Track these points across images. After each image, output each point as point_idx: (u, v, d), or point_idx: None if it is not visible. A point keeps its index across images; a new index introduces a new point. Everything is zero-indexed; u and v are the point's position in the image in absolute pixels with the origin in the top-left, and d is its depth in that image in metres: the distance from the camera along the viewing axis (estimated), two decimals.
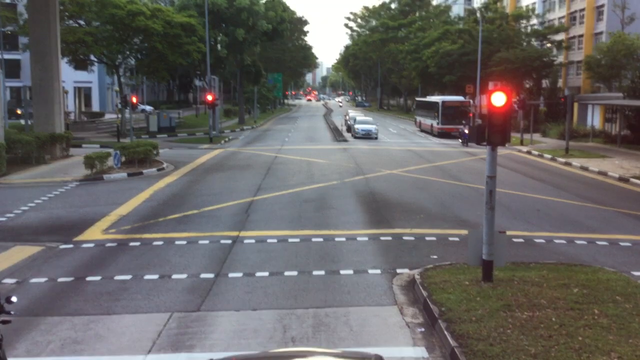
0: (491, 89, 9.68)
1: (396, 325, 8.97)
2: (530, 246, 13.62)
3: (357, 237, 14.19)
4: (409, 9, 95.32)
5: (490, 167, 9.98)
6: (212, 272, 11.51)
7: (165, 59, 45.12)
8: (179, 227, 15.37)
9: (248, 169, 26.78)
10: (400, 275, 11.23)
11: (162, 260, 12.42)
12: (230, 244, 13.66)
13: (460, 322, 8.35)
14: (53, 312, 9.55)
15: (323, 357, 4.86)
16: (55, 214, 17.04)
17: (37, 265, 12.16)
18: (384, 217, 16.61)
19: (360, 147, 38.12)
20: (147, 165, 26.06)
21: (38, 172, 24.56)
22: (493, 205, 10.03)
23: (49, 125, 29.16)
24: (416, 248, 13.34)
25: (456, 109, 46.78)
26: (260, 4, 58.19)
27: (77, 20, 43.42)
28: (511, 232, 14.48)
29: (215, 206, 18.09)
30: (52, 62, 29.30)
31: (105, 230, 15.16)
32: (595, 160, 30.86)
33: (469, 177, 24.53)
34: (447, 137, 45.28)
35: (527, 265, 11.27)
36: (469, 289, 9.62)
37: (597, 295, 9.37)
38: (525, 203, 18.93)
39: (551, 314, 8.58)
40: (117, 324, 9.05)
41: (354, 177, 23.97)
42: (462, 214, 17.11)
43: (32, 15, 29.61)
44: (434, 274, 10.68)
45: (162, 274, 11.41)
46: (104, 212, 17.21)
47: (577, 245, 13.78)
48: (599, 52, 50.02)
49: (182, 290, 10.49)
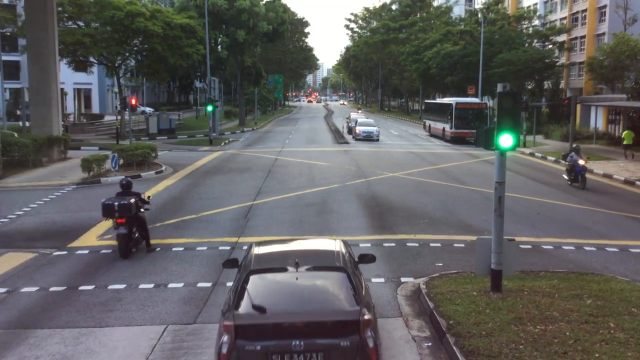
0: (500, 91, 9.27)
1: (402, 339, 8.55)
2: (538, 253, 13.20)
3: (360, 243, 13.77)
4: (410, 10, 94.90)
5: (499, 173, 9.56)
6: (210, 281, 11.10)
7: (165, 60, 44.77)
8: (177, 233, 14.98)
9: (248, 171, 26.38)
10: (405, 284, 10.82)
11: (158, 268, 12.02)
12: (229, 251, 13.25)
13: (469, 336, 7.93)
14: (43, 325, 9.15)
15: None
16: (50, 219, 16.64)
17: (29, 274, 11.76)
18: (387, 222, 16.20)
19: (362, 149, 37.72)
20: (146, 167, 25.68)
21: (35, 175, 24.16)
22: (502, 212, 9.62)
23: (46, 127, 28.77)
24: (420, 255, 12.93)
25: (470, 112, 43.97)
26: (260, 5, 57.83)
27: (76, 22, 43.05)
28: (518, 237, 14.03)
29: (214, 210, 17.69)
30: (49, 63, 28.92)
31: (101, 236, 14.76)
32: (600, 162, 30.44)
33: (473, 180, 24.12)
34: (460, 143, 42.09)
35: (537, 274, 10.86)
36: (478, 300, 9.21)
37: (612, 307, 8.96)
38: (531, 207, 18.52)
39: (565, 327, 8.17)
40: (109, 337, 8.64)
41: (356, 180, 23.57)
42: (467, 219, 16.70)
43: (29, 16, 29.21)
44: (440, 283, 10.27)
45: (157, 283, 11.01)
46: (99, 216, 16.65)
47: (587, 252, 13.36)
48: (602, 53, 49.55)
49: (178, 301, 10.08)
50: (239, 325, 6.19)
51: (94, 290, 10.69)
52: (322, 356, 6.11)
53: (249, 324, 6.25)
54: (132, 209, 12.56)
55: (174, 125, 49.33)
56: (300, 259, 6.89)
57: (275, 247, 8.34)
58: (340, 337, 6.13)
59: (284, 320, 6.26)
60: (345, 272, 6.76)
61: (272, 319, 6.28)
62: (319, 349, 6.10)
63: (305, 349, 6.07)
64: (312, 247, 8.23)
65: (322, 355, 6.11)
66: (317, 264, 6.95)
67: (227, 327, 6.21)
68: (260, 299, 6.45)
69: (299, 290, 6.58)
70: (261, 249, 7.65)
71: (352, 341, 6.11)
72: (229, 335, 6.16)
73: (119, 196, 12.89)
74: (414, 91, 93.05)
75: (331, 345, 6.11)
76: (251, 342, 6.12)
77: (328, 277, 6.76)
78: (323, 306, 6.42)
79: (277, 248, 8.24)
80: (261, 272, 6.83)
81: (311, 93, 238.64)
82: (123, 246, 12.60)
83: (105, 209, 12.54)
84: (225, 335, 6.19)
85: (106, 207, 12.54)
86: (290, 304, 6.47)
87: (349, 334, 6.14)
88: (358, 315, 6.21)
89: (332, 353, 6.10)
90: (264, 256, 7.40)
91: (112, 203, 12.52)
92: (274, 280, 6.79)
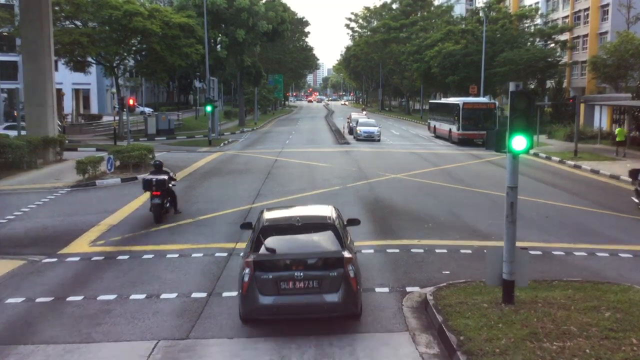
0: (513, 90, 8.70)
1: (409, 356, 7.98)
2: (549, 260, 12.63)
3: (362, 249, 13.21)
4: (411, 9, 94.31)
5: (512, 177, 8.98)
6: (205, 291, 10.54)
7: (164, 60, 44.20)
8: (172, 238, 14.41)
9: (247, 173, 25.83)
10: (411, 295, 10.25)
11: (151, 276, 11.45)
12: (226, 257, 12.70)
13: (482, 354, 7.36)
14: (27, 340, 8.59)
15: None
16: (41, 224, 16.08)
17: (15, 283, 11.20)
18: (390, 227, 15.63)
19: (363, 149, 37.16)
20: (142, 169, 25.09)
21: (29, 178, 23.60)
22: (514, 218, 9.05)
23: (41, 128, 28.20)
24: (426, 262, 12.36)
25: (479, 112, 41.73)
26: (260, 4, 57.25)
27: (73, 21, 42.48)
28: (527, 243, 13.53)
29: (211, 214, 17.14)
30: (44, 63, 28.35)
31: (93, 242, 14.20)
32: (606, 163, 29.87)
33: (478, 182, 23.56)
34: (469, 145, 40.28)
35: (550, 284, 10.29)
36: (489, 313, 8.64)
37: (633, 321, 8.38)
38: (539, 210, 17.93)
39: (584, 344, 7.60)
40: (96, 354, 8.09)
41: (357, 182, 23.01)
42: (473, 223, 16.14)
43: (23, 15, 28.66)
44: (448, 293, 9.70)
45: (149, 294, 10.44)
46: (93, 221, 16.25)
47: (600, 259, 12.78)
48: (605, 52, 48.95)
49: (171, 313, 9.52)
50: (256, 261, 8.50)
51: (82, 301, 10.13)
52: (317, 282, 8.44)
53: (264, 260, 8.55)
54: (166, 184, 15.85)
55: (173, 126, 48.77)
56: (300, 218, 9.31)
57: (282, 211, 10.75)
58: (330, 270, 8.48)
59: (288, 257, 8.50)
60: (334, 227, 9.18)
61: (280, 257, 8.56)
62: (314, 278, 8.44)
63: (304, 278, 8.42)
64: (311, 211, 10.52)
65: (317, 281, 8.44)
66: (313, 222, 9.44)
67: (248, 262, 8.53)
68: (271, 244, 8.75)
69: (300, 239, 9.07)
70: (270, 212, 10.06)
71: (338, 273, 8.47)
72: (249, 269, 8.45)
73: (154, 174, 16.06)
74: (414, 91, 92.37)
75: (323, 275, 8.46)
76: (265, 273, 8.44)
77: (321, 231, 9.18)
78: (317, 249, 8.79)
79: (283, 212, 10.60)
80: (272, 226, 9.24)
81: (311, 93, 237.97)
82: (157, 213, 15.79)
83: (145, 183, 15.85)
84: (246, 268, 8.49)
85: (146, 182, 15.85)
86: (293, 248, 8.80)
87: (336, 267, 8.49)
88: (342, 254, 8.59)
89: (324, 280, 8.44)
90: (273, 216, 9.75)
91: (151, 179, 15.79)
92: (281, 231, 9.14)
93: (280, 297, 8.33)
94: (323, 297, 8.36)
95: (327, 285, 8.39)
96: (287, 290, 8.36)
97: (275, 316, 8.49)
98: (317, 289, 8.39)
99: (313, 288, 8.39)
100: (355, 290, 8.48)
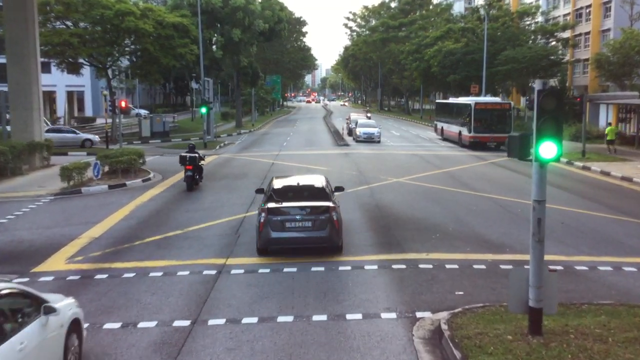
0: (540, 89, 7.50)
1: None
2: (573, 276, 11.42)
3: (365, 265, 12.03)
4: (410, 8, 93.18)
5: (539, 189, 7.78)
6: (189, 318, 9.32)
7: (158, 61, 42.94)
8: (157, 253, 13.20)
9: (242, 178, 24.63)
10: (422, 322, 9.03)
11: (130, 300, 10.24)
12: (215, 276, 11.49)
13: None
14: None
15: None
16: (17, 237, 14.86)
17: None
18: (395, 238, 14.43)
19: (363, 151, 35.97)
20: (132, 175, 23.90)
21: (11, 185, 22.38)
22: (542, 237, 7.88)
23: (27, 132, 26.97)
24: (436, 280, 11.15)
25: (492, 113, 38.47)
26: (256, 3, 55.99)
27: (64, 21, 41.22)
28: (546, 256, 12.28)
29: (202, 225, 15.94)
30: (30, 64, 27.17)
31: (71, 258, 12.98)
32: (616, 164, 28.73)
33: (484, 186, 22.37)
34: (481, 149, 36.89)
35: (579, 308, 9.09)
36: (515, 348, 7.43)
37: None
38: (552, 217, 16.66)
39: None
40: None
41: (358, 187, 21.81)
42: (483, 232, 14.96)
43: (7, 14, 27.43)
44: (465, 321, 8.49)
45: (125, 322, 9.22)
46: (74, 233, 15.04)
47: (628, 274, 11.58)
48: (610, 50, 47.73)
49: (147, 347, 8.29)
50: (269, 208, 12.40)
51: None
52: (311, 223, 12.28)
53: (274, 207, 12.40)
54: (197, 160, 21.19)
55: (168, 128, 47.55)
56: (300, 181, 13.70)
57: (287, 179, 14.36)
58: (320, 214, 12.32)
59: (291, 205, 12.45)
60: (323, 189, 13.17)
61: (285, 205, 12.46)
62: (309, 220, 12.27)
63: (302, 219, 12.28)
64: (309, 179, 14.65)
65: (311, 222, 12.28)
66: (308, 184, 13.55)
67: (263, 209, 12.46)
68: (279, 197, 12.69)
69: (299, 195, 12.92)
70: (278, 180, 13.85)
71: (325, 216, 12.30)
72: (264, 213, 12.32)
73: (188, 153, 21.10)
74: (414, 90, 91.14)
75: (315, 218, 12.28)
76: (275, 216, 12.25)
77: (314, 190, 13.15)
78: (312, 200, 12.67)
79: (288, 180, 14.23)
80: (279, 187, 13.26)
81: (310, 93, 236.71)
82: (189, 183, 21.02)
83: (181, 159, 21.27)
84: (262, 213, 12.35)
85: (182, 158, 21.23)
86: (295, 200, 12.67)
87: (324, 213, 12.32)
88: (329, 204, 12.53)
89: (316, 222, 12.26)
90: (280, 182, 13.67)
91: (185, 155, 21.04)
92: (287, 191, 13.07)
93: (285, 232, 12.24)
94: (315, 232, 12.25)
95: (318, 225, 12.23)
96: (290, 228, 12.26)
97: (282, 245, 12.52)
98: (310, 228, 12.26)
99: (308, 227, 12.26)
100: (337, 229, 12.42)
